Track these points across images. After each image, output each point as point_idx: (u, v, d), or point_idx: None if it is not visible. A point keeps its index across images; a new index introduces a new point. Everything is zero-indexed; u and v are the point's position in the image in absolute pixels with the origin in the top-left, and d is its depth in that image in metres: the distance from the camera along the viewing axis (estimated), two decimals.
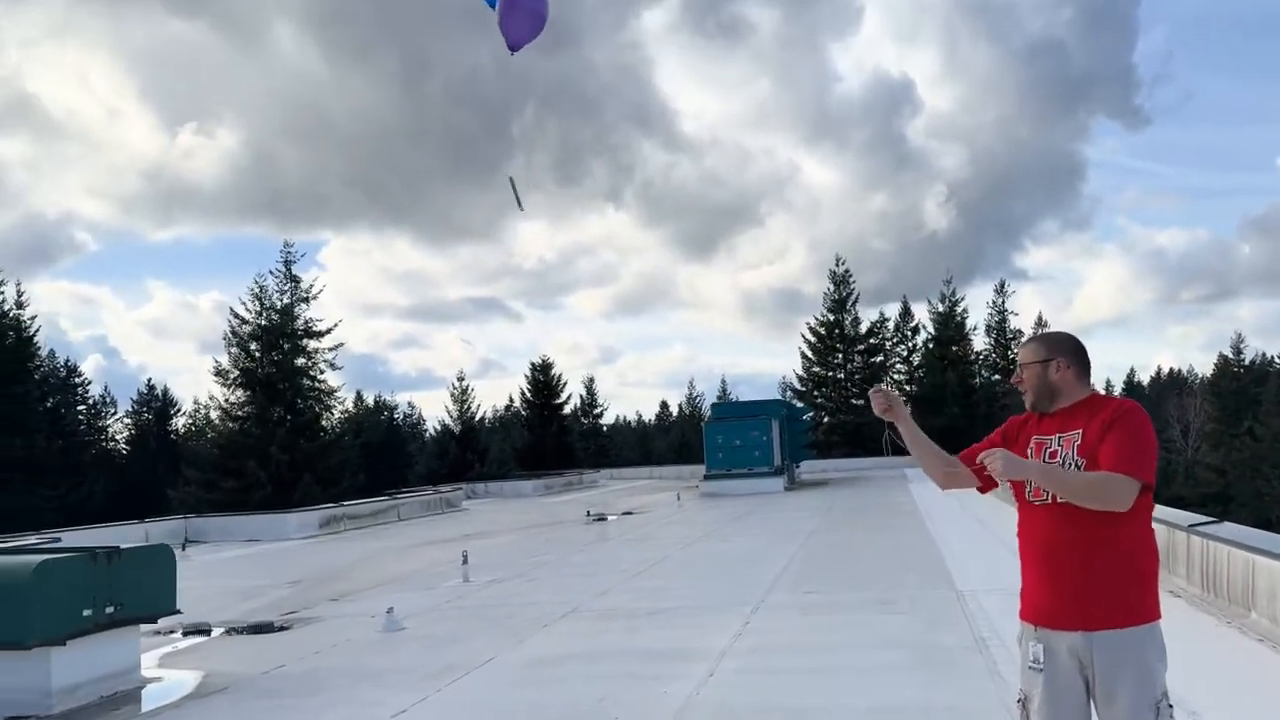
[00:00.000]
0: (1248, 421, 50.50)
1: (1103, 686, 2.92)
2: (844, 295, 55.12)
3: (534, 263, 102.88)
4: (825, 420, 53.25)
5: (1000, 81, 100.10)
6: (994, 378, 54.62)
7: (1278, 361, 63.40)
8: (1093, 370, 3.18)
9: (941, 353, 54.08)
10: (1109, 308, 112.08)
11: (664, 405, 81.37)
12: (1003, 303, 56.86)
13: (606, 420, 67.04)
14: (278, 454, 40.35)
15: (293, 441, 41.28)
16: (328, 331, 44.45)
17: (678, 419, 74.10)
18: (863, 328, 55.20)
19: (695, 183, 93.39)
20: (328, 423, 45.98)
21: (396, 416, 63.35)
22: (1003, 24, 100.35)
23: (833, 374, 55.00)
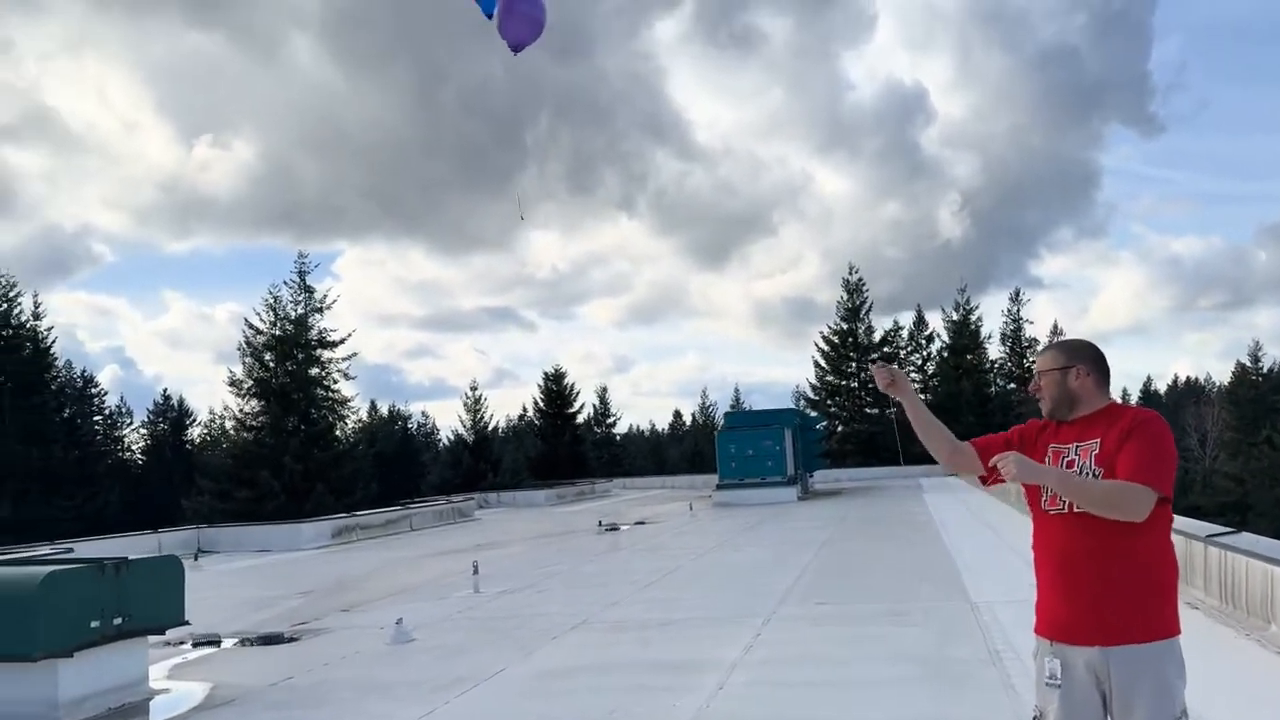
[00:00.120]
0: (1266, 430, 50.04)
1: (1120, 703, 2.85)
2: (857, 304, 54.98)
3: (547, 272, 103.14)
4: (839, 429, 53.07)
5: (1014, 89, 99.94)
6: (1009, 386, 54.34)
7: None
8: (1111, 379, 3.12)
9: (956, 361, 53.86)
10: (1125, 315, 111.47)
11: (677, 414, 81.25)
12: (1018, 311, 56.64)
13: (620, 430, 67.19)
14: (291, 464, 40.48)
15: (306, 451, 41.42)
16: (341, 341, 44.71)
17: (691, 428, 73.98)
18: (876, 336, 55.09)
19: (708, 192, 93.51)
20: (341, 432, 46.16)
21: (410, 426, 63.58)
22: (1016, 32, 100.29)
23: (846, 383, 54.80)
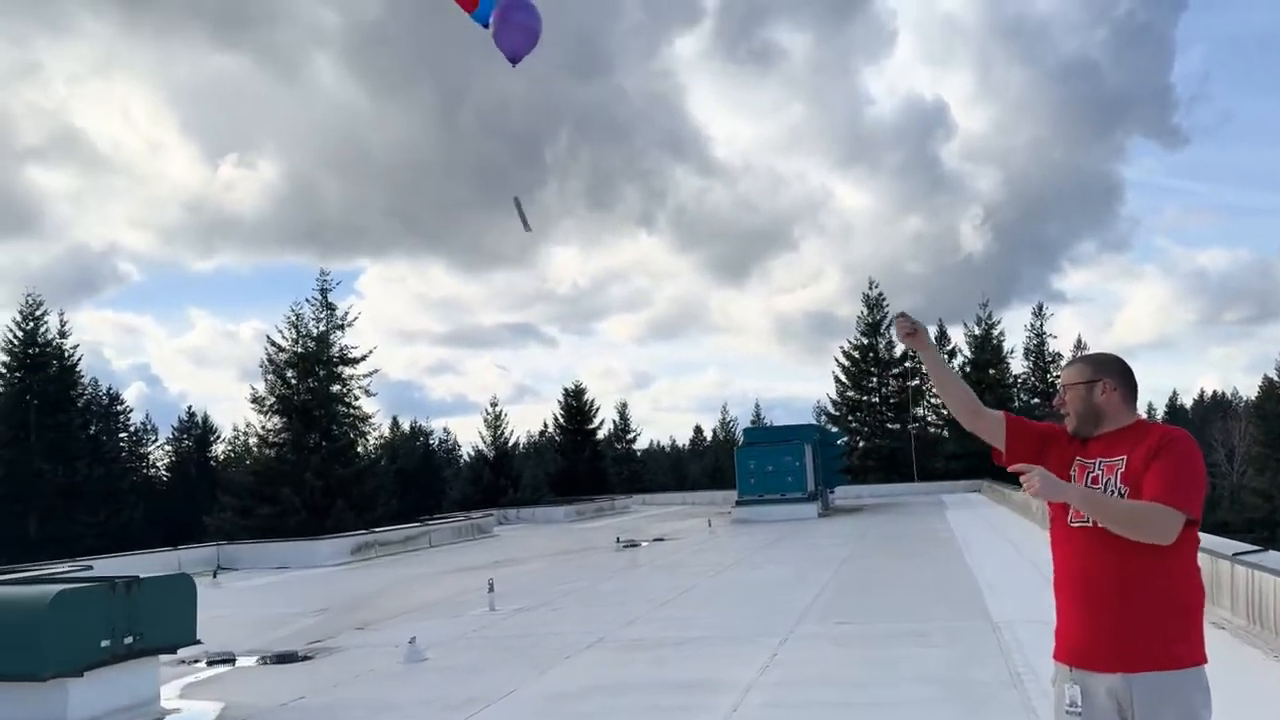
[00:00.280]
0: None
1: None
2: (878, 319, 54.68)
3: (567, 288, 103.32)
4: (860, 445, 52.72)
5: (1035, 103, 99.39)
6: (1033, 401, 53.82)
7: None
8: (1138, 394, 3.02)
9: (979, 376, 53.37)
10: (1150, 329, 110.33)
11: (698, 430, 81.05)
12: (1041, 325, 56.17)
13: (640, 445, 66.98)
14: (312, 480, 40.61)
15: (327, 468, 41.56)
16: (363, 358, 44.89)
17: (711, 444, 73.71)
18: (897, 351, 54.66)
19: (728, 207, 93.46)
20: (362, 449, 46.31)
21: (432, 442, 63.73)
22: (1036, 45, 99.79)
23: (867, 398, 54.50)
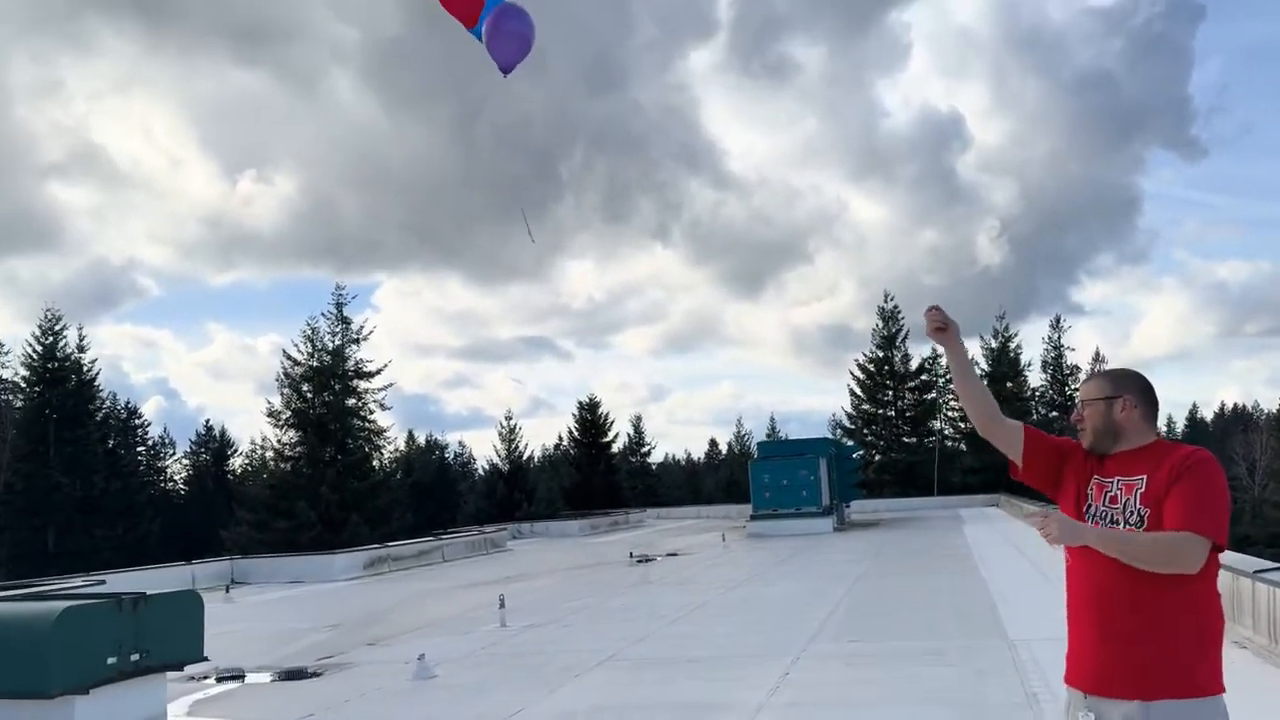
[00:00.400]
0: None
1: None
2: (893, 332, 54.45)
3: (583, 301, 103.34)
4: (876, 459, 52.40)
5: (1051, 114, 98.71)
6: (1051, 415, 53.40)
7: None
8: (1159, 412, 2.94)
9: (996, 389, 52.95)
10: (1169, 342, 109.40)
11: (713, 443, 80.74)
12: (1058, 338, 55.81)
13: (655, 459, 66.88)
14: (328, 494, 40.73)
15: (342, 481, 41.68)
16: (378, 372, 45.09)
17: (727, 457, 73.48)
18: (913, 364, 54.44)
19: (743, 220, 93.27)
20: (378, 462, 46.43)
21: (447, 456, 63.82)
22: (1052, 57, 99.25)
23: (883, 411, 54.18)
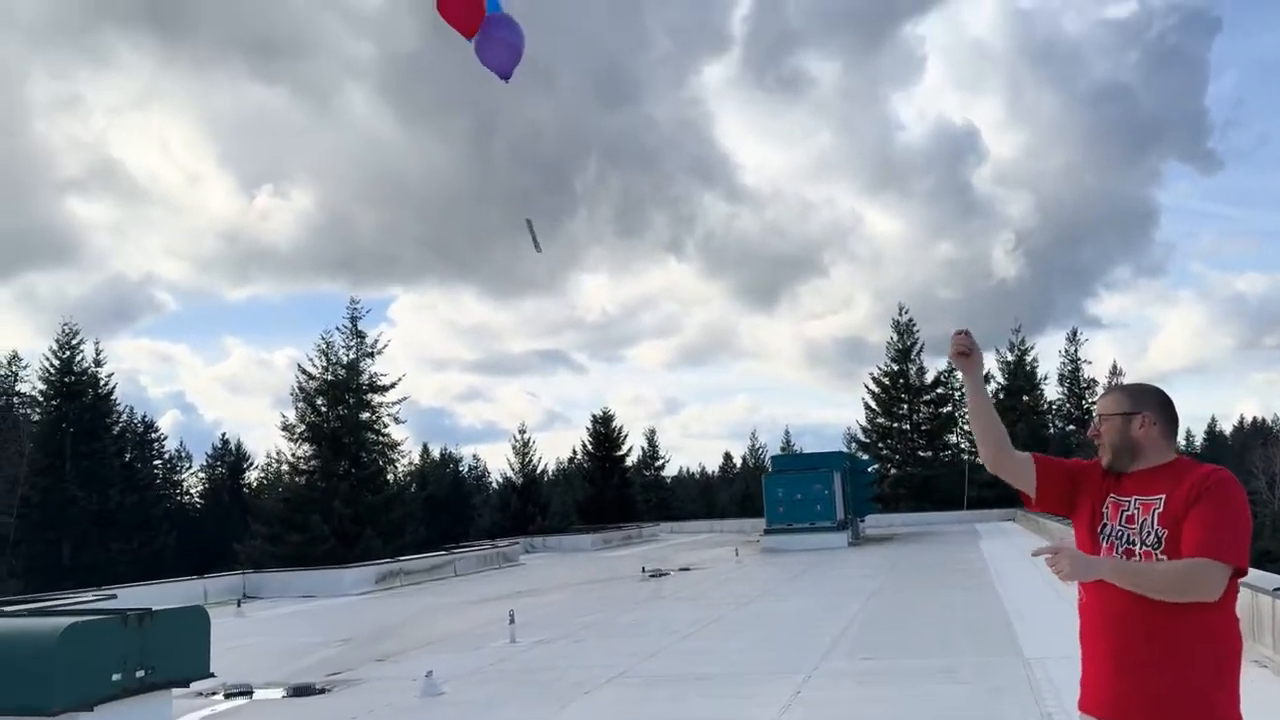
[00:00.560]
0: None
1: None
2: (908, 345, 54.18)
3: (597, 315, 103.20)
4: (891, 473, 52.08)
5: (1067, 127, 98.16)
6: (1068, 428, 52.99)
7: None
8: (1179, 430, 2.86)
9: (1011, 403, 52.65)
10: (1187, 355, 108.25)
11: (727, 457, 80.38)
12: (1075, 351, 55.40)
13: (669, 472, 66.60)
14: (341, 508, 40.74)
15: (356, 495, 41.70)
16: (392, 386, 45.14)
17: (741, 471, 73.19)
18: (929, 378, 54.09)
19: (757, 233, 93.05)
20: (391, 476, 46.44)
21: (462, 469, 63.81)
22: (1067, 70, 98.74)
23: (898, 425, 53.87)
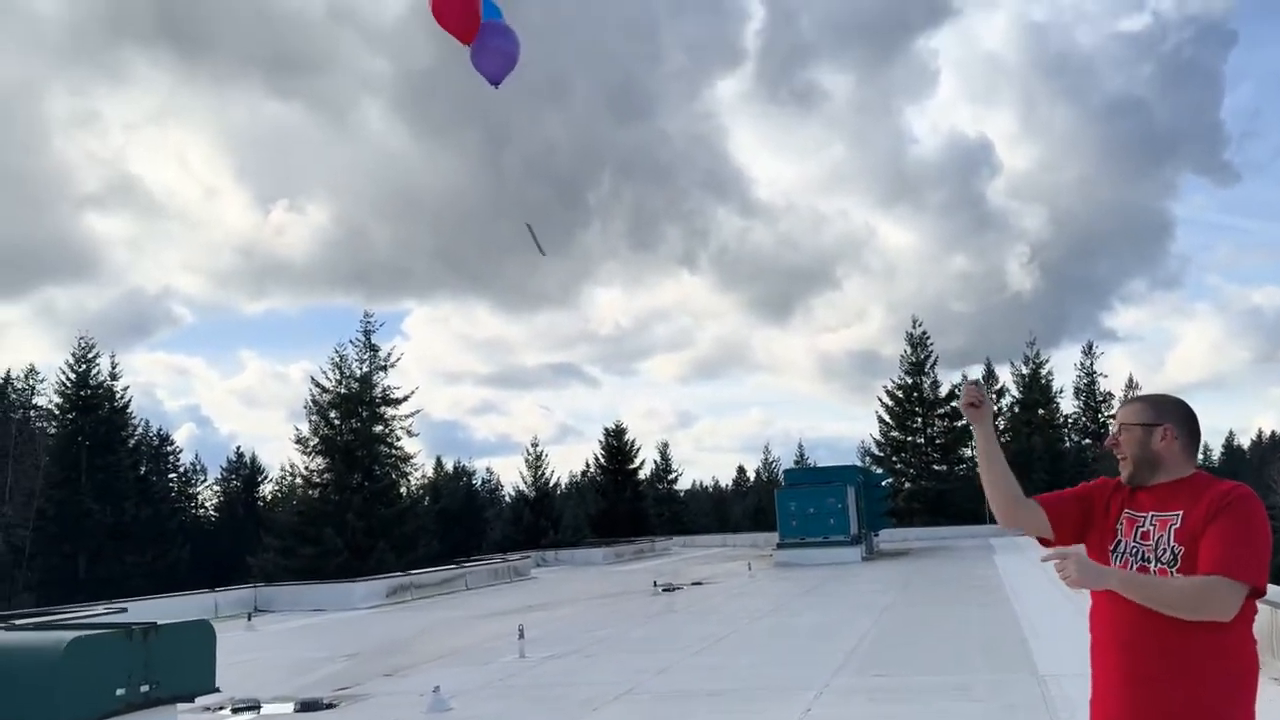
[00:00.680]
0: None
1: None
2: (922, 358, 53.88)
3: (610, 328, 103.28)
4: (906, 487, 51.73)
5: (1081, 140, 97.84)
6: (1084, 442, 52.57)
7: None
8: (1200, 445, 2.76)
9: (1027, 416, 52.32)
10: (1204, 368, 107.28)
11: (740, 470, 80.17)
12: (1091, 364, 54.98)
13: (682, 486, 66.42)
14: (354, 521, 40.75)
15: (369, 508, 41.71)
16: (405, 399, 45.21)
17: (754, 484, 72.94)
18: (943, 391, 53.72)
19: (770, 247, 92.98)
20: (404, 489, 46.44)
21: (475, 482, 63.78)
22: (1081, 83, 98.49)
23: (912, 439, 53.51)
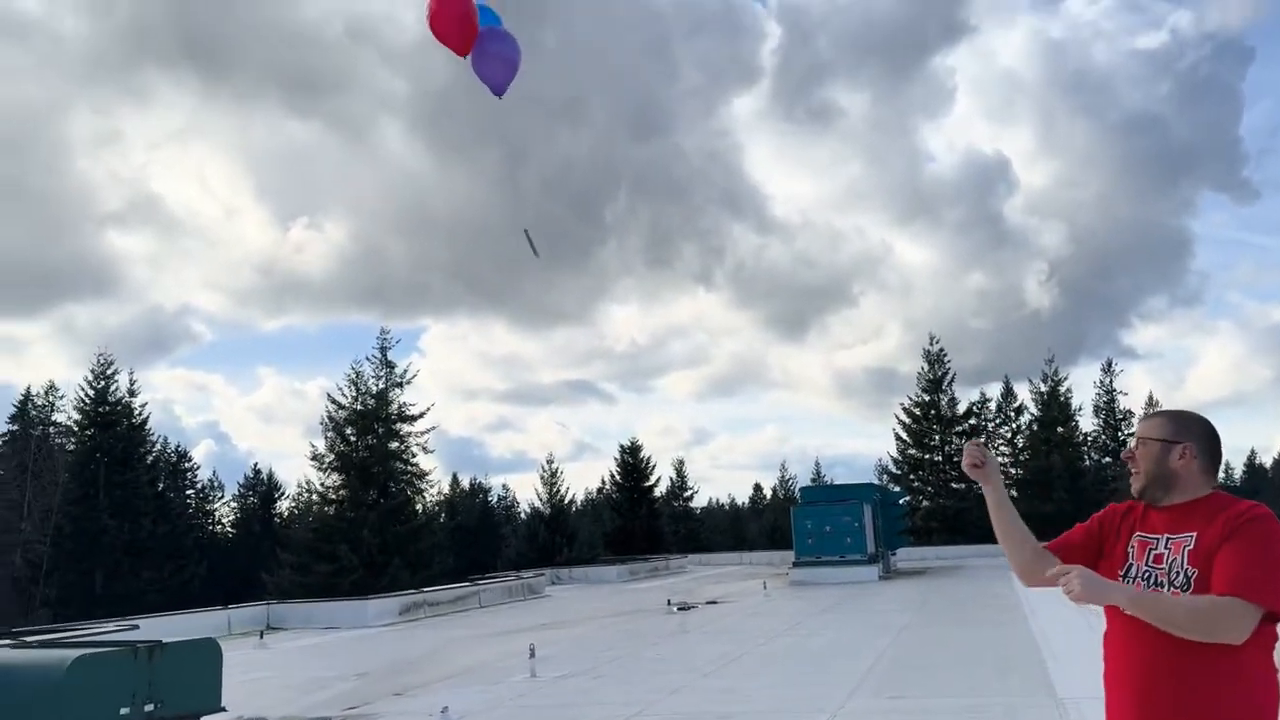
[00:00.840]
0: None
1: None
2: (939, 375, 53.49)
3: (626, 345, 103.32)
4: (923, 505, 51.28)
5: (1099, 157, 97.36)
6: (1104, 460, 51.98)
7: None
8: (1220, 466, 2.65)
9: (1046, 435, 51.78)
10: (1224, 386, 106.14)
11: (757, 488, 79.80)
12: (1110, 382, 54.36)
13: (698, 503, 66.15)
14: (369, 537, 40.74)
15: (384, 525, 41.69)
16: (420, 415, 45.24)
17: (771, 502, 72.57)
18: (960, 408, 53.30)
19: (787, 264, 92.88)
20: (420, 506, 46.42)
21: (491, 499, 63.77)
22: (1099, 100, 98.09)
23: (929, 456, 53.07)
